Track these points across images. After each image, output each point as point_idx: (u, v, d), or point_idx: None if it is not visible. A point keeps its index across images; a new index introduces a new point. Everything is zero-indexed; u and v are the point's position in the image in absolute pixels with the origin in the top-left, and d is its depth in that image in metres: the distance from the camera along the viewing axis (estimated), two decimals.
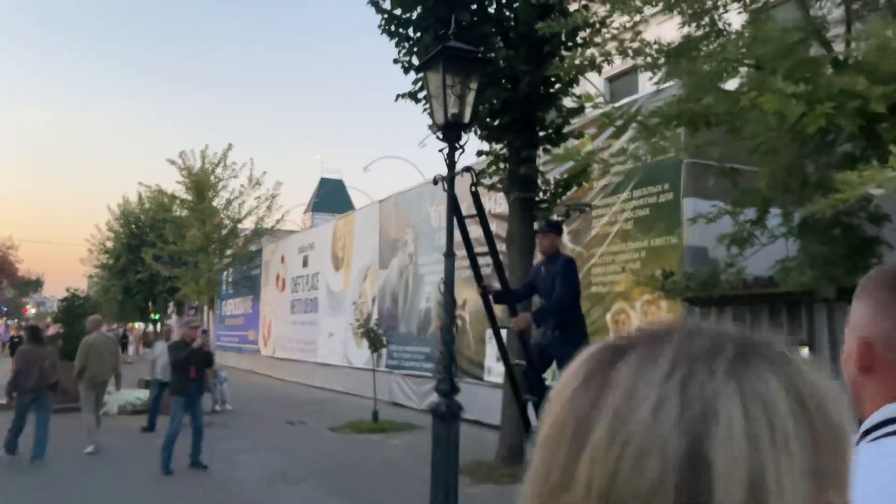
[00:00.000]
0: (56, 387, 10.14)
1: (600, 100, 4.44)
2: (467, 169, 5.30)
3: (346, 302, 19.82)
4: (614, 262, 10.18)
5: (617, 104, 11.02)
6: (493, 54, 7.26)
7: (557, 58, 8.16)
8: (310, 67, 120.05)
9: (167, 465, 8.66)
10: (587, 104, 4.38)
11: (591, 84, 9.70)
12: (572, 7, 7.55)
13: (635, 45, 5.02)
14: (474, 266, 5.67)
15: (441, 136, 5.26)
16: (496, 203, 11.57)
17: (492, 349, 12.86)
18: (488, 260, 6.38)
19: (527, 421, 6.08)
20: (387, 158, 33.26)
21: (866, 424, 1.10)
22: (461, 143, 5.23)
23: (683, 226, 9.03)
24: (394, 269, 17.23)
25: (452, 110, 5.15)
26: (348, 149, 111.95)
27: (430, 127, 5.52)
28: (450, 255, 5.23)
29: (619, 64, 5.59)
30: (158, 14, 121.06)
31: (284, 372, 24.00)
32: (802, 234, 4.55)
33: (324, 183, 58.92)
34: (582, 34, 8.36)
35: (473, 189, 5.43)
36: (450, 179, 5.25)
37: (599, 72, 5.48)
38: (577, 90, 8.73)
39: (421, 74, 8.70)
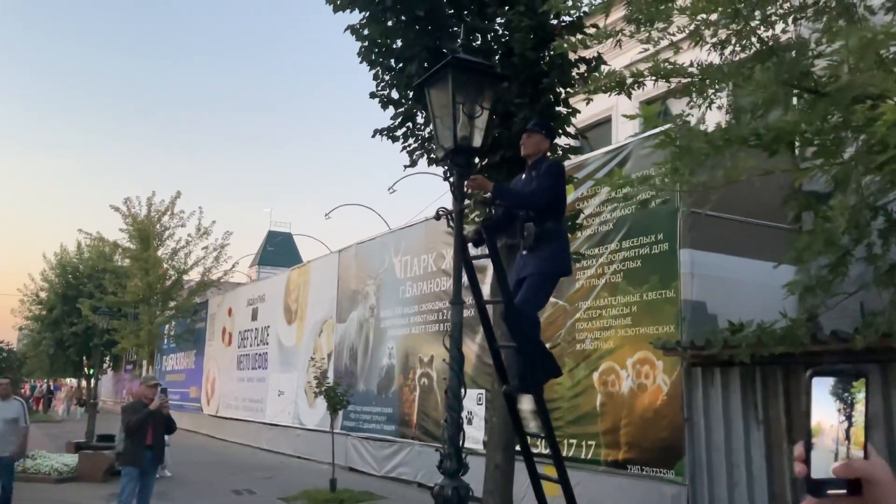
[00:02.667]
0: None
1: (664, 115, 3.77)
2: (484, 202, 4.52)
3: (298, 357, 18.66)
4: (601, 317, 9.45)
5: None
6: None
7: (553, 96, 7.61)
8: (259, 119, 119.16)
9: None
10: (640, 117, 3.70)
11: (569, 134, 9.11)
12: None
13: (668, 66, 4.39)
14: (483, 317, 4.80)
15: (447, 163, 4.46)
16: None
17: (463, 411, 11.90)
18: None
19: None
20: (347, 206, 32.18)
21: None
22: (473, 170, 4.47)
23: (681, 278, 8.40)
24: (353, 323, 16.22)
25: (462, 132, 4.39)
26: (298, 201, 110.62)
27: (435, 151, 4.76)
28: (457, 303, 4.38)
29: (644, 89, 4.93)
30: (101, 61, 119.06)
31: (229, 432, 22.47)
32: (889, 283, 3.90)
33: (272, 236, 57.72)
34: (576, 71, 7.81)
35: (487, 224, 4.63)
36: (458, 213, 4.44)
37: (629, 95, 4.82)
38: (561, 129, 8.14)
39: (402, 109, 8.04)
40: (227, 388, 23.54)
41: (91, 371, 34.67)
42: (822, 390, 0.98)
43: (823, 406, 0.97)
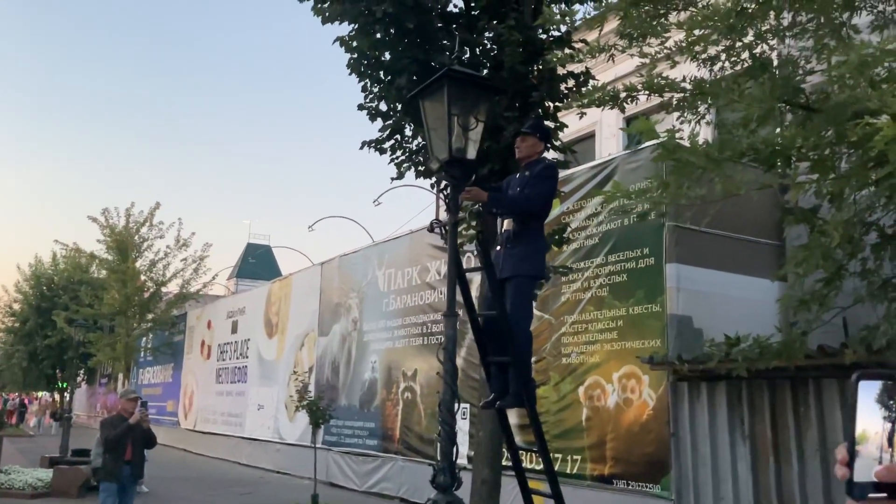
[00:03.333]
0: None
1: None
2: (478, 214, 4.50)
3: (279, 371, 18.48)
4: (587, 331, 9.46)
5: (597, 161, 10.56)
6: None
7: (542, 109, 7.65)
8: (238, 130, 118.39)
9: None
10: (641, 133, 3.71)
11: (557, 148, 9.16)
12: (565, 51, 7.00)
13: (661, 81, 4.42)
14: (476, 330, 4.76)
15: (442, 174, 4.44)
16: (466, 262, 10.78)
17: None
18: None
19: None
20: (329, 219, 31.91)
21: None
22: (467, 182, 4.45)
23: (667, 293, 8.44)
24: (335, 336, 16.10)
25: (456, 144, 4.38)
26: (278, 213, 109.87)
27: (430, 162, 4.75)
28: (451, 315, 4.34)
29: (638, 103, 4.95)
30: (77, 70, 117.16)
31: (206, 447, 22.16)
32: (883, 297, 3.93)
33: (251, 248, 57.34)
34: (564, 85, 7.85)
35: (480, 237, 4.60)
36: (452, 225, 4.42)
37: (623, 109, 4.84)
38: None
39: (390, 121, 8.02)
40: (205, 402, 23.24)
41: (64, 384, 34.15)
42: (867, 396, 0.98)
43: (868, 413, 0.97)
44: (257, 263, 52.57)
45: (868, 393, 0.97)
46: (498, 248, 4.91)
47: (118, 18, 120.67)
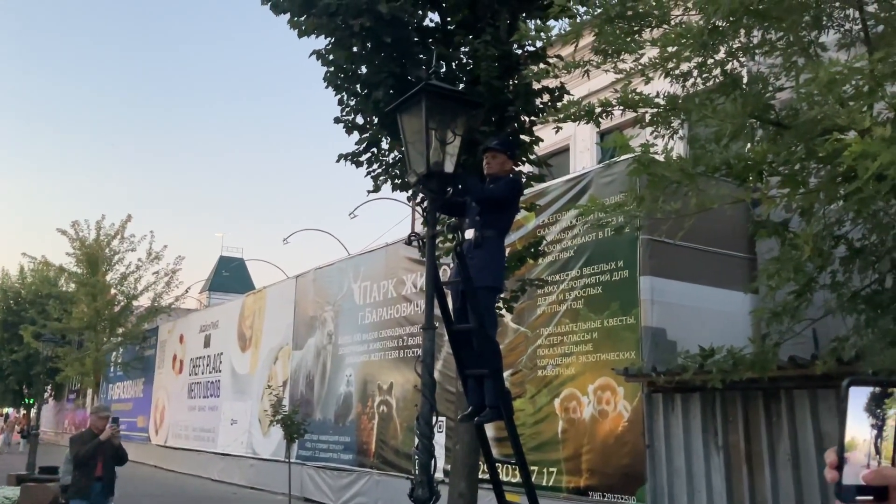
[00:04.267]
0: None
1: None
2: (455, 228, 4.53)
3: (252, 385, 18.31)
4: (563, 344, 9.51)
5: (571, 175, 10.66)
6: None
7: (517, 124, 7.73)
8: (211, 141, 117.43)
9: None
10: (616, 147, 3.77)
11: (529, 163, 9.23)
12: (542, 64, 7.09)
13: (636, 97, 4.49)
14: (454, 343, 4.77)
15: (420, 188, 4.47)
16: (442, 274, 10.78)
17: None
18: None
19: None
20: (304, 231, 31.69)
21: None
22: (445, 196, 4.47)
23: (641, 305, 8.52)
24: (310, 350, 15.99)
25: (434, 158, 4.41)
26: (251, 226, 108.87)
27: (407, 176, 4.76)
28: (429, 328, 4.35)
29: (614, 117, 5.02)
30: (46, 80, 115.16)
31: (177, 463, 21.84)
32: (852, 309, 4.03)
33: (224, 261, 56.75)
34: (539, 100, 7.93)
35: (459, 249, 4.62)
36: (430, 238, 4.43)
37: (598, 124, 4.91)
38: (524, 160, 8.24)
39: (367, 134, 8.04)
40: (177, 417, 22.92)
41: (31, 400, 33.48)
42: (857, 403, 1.00)
43: (857, 421, 0.99)
44: (230, 276, 52.05)
45: (858, 399, 1.00)
46: (464, 253, 4.95)
47: (90, 27, 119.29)
